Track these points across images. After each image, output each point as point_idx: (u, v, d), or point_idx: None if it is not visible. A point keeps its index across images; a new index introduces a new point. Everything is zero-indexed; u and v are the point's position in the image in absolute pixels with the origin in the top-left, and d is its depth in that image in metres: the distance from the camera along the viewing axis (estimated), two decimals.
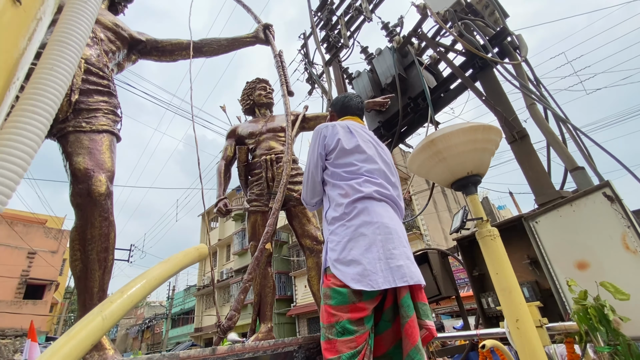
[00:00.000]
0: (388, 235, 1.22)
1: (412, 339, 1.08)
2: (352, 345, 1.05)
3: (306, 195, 1.51)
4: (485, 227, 2.38)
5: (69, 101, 1.45)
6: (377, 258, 1.14)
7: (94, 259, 1.34)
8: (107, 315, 0.39)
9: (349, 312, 1.09)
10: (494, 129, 2.45)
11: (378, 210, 1.29)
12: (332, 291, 1.14)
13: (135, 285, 0.44)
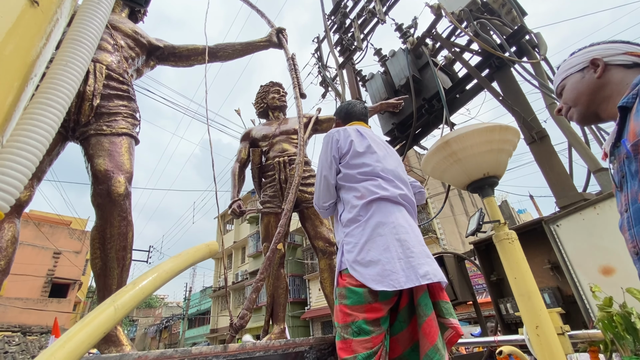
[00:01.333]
0: (405, 234, 1.20)
1: (430, 338, 1.06)
2: (368, 345, 1.04)
3: (319, 200, 1.51)
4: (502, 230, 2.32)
5: (91, 105, 1.51)
6: (397, 257, 1.13)
7: (113, 257, 1.39)
8: (119, 305, 0.40)
9: (365, 312, 1.07)
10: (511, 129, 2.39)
11: (393, 211, 1.28)
12: (347, 291, 1.13)
13: (147, 278, 0.46)
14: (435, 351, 1.05)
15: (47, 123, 0.21)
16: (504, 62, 3.34)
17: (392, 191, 1.33)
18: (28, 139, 0.19)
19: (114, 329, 1.32)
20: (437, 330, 1.08)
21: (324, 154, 1.48)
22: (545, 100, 3.09)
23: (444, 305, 1.19)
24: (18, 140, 0.19)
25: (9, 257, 1.18)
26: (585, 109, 0.79)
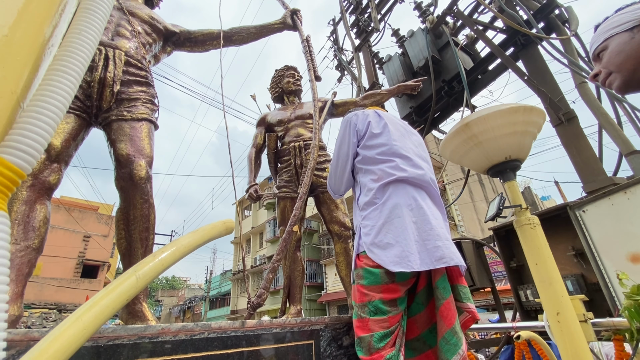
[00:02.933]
0: (423, 216, 1.19)
1: (447, 321, 1.06)
2: (384, 325, 1.04)
3: (334, 183, 1.50)
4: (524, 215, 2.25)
5: (112, 92, 1.55)
6: (414, 240, 1.12)
7: (137, 238, 1.45)
8: (140, 275, 0.42)
9: (382, 292, 1.08)
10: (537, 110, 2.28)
11: (411, 192, 1.27)
12: (364, 271, 1.13)
13: (167, 251, 0.47)
14: (453, 334, 1.05)
15: (64, 89, 0.22)
16: (531, 40, 3.15)
17: (411, 171, 1.31)
18: (47, 104, 0.20)
19: (140, 305, 1.39)
20: (455, 313, 1.08)
21: (342, 138, 1.46)
22: (574, 80, 2.92)
23: (461, 289, 1.19)
24: (37, 105, 0.20)
25: (42, 236, 1.25)
26: (631, 75, 0.70)
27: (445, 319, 1.07)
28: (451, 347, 1.05)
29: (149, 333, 0.74)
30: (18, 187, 1.23)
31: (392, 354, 1.00)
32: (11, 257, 1.15)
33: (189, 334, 0.80)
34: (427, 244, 1.13)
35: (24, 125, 0.20)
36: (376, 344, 1.01)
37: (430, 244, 1.13)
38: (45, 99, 0.21)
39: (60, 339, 0.32)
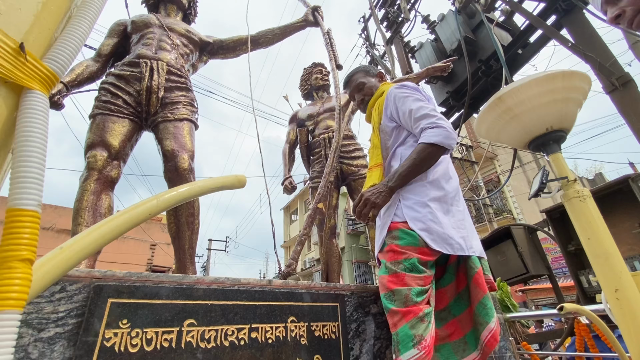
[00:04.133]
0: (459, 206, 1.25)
1: (482, 287, 1.11)
2: (420, 282, 1.05)
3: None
4: (571, 188, 2.09)
5: (157, 97, 1.78)
6: (452, 225, 1.16)
7: (184, 222, 1.65)
8: (161, 200, 0.53)
9: (419, 253, 1.09)
10: (578, 74, 2.12)
11: (453, 174, 1.31)
12: (401, 232, 1.14)
13: (184, 188, 0.58)
14: (489, 299, 1.10)
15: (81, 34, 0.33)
16: (574, 4, 2.89)
17: (448, 155, 1.34)
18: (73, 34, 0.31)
19: (189, 263, 1.65)
20: (485, 282, 1.14)
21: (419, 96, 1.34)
22: (627, 40, 2.62)
23: (483, 262, 1.25)
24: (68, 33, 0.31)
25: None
26: None
27: (480, 286, 1.12)
28: (488, 310, 1.09)
29: (187, 282, 0.87)
30: (87, 180, 1.48)
31: (429, 311, 1.02)
32: None
33: (221, 285, 0.91)
34: (462, 231, 1.18)
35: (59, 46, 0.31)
36: (414, 298, 1.01)
37: (465, 232, 1.19)
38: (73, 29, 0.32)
39: (98, 231, 0.44)
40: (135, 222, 0.49)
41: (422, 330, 0.97)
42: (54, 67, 0.30)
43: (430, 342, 0.96)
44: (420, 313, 0.99)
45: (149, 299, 0.78)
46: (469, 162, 13.53)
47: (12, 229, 0.24)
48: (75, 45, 0.32)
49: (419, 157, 1.16)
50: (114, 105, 1.68)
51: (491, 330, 1.08)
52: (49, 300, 0.67)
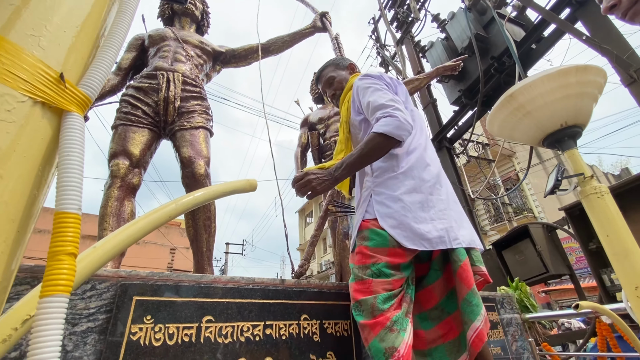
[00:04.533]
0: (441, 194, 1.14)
1: (467, 282, 1.00)
2: (388, 287, 0.97)
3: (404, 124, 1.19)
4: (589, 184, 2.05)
5: (174, 107, 1.87)
6: (430, 218, 1.05)
7: (201, 225, 1.72)
8: (179, 204, 0.58)
9: (388, 255, 1.01)
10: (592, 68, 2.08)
11: (430, 164, 1.19)
12: (370, 232, 1.06)
13: (200, 192, 0.63)
14: (474, 294, 0.99)
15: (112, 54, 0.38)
16: None
17: (426, 141, 1.25)
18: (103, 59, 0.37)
19: (207, 264, 1.72)
20: (472, 275, 1.03)
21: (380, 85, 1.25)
22: None
23: (473, 253, 1.14)
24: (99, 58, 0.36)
25: None
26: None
27: (464, 281, 1.01)
28: (473, 308, 0.99)
29: (204, 281, 0.92)
30: (111, 188, 1.57)
31: (398, 315, 0.94)
32: None
33: (236, 284, 0.96)
34: (443, 222, 1.07)
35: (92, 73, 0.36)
36: (380, 305, 0.94)
37: (446, 223, 1.07)
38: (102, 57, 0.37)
39: (124, 232, 0.50)
40: (157, 224, 0.54)
41: (393, 341, 0.89)
42: (88, 92, 0.36)
43: (405, 351, 0.88)
44: (387, 323, 0.91)
45: (170, 296, 0.84)
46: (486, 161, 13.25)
47: (59, 229, 0.29)
48: (105, 71, 0.37)
49: (366, 147, 1.10)
50: (134, 116, 1.77)
51: (476, 329, 0.97)
52: (81, 297, 0.74)
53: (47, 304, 0.26)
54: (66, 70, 0.34)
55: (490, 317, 1.84)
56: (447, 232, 1.05)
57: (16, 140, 0.29)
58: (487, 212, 14.42)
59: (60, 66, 0.34)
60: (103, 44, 0.40)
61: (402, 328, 0.92)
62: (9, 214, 0.28)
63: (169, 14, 2.32)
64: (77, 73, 0.36)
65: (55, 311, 0.26)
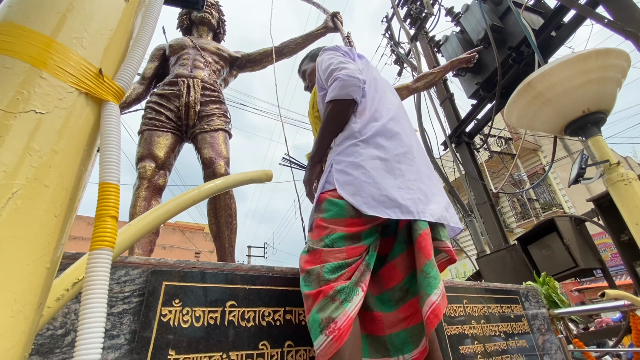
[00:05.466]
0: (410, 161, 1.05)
1: (425, 252, 0.91)
2: (340, 256, 0.89)
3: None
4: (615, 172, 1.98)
5: (195, 111, 1.97)
6: (397, 186, 0.97)
7: (223, 223, 1.80)
8: (202, 190, 0.64)
9: (345, 225, 0.94)
10: (614, 51, 2.01)
11: (403, 131, 1.11)
12: (327, 203, 0.99)
13: (220, 181, 0.69)
14: (432, 266, 0.90)
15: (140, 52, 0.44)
16: None
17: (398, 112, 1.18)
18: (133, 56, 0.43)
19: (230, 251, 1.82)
20: (431, 245, 0.93)
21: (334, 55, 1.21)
22: None
23: (442, 229, 1.04)
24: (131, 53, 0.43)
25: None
26: None
27: (422, 250, 0.91)
28: (430, 280, 0.88)
29: (227, 268, 0.98)
30: (139, 189, 1.67)
31: (343, 287, 0.84)
32: None
33: (257, 272, 1.01)
34: (411, 192, 0.98)
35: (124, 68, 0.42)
36: (327, 275, 0.85)
37: (415, 194, 0.99)
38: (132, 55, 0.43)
39: (154, 213, 0.55)
40: (183, 207, 0.59)
41: (332, 311, 0.80)
42: (122, 84, 0.42)
43: (343, 324, 0.79)
44: (330, 292, 0.83)
45: (196, 282, 0.90)
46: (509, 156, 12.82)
47: (103, 196, 0.35)
48: (135, 66, 0.43)
49: (325, 118, 1.08)
50: (158, 121, 1.88)
51: (432, 304, 0.85)
52: (117, 282, 0.81)
53: (96, 255, 0.31)
54: (104, 67, 0.40)
55: (513, 310, 1.81)
56: (415, 203, 0.96)
57: (66, 124, 0.35)
58: (513, 209, 13.92)
59: (98, 63, 0.40)
60: (132, 44, 0.45)
61: (347, 298, 0.83)
62: (63, 184, 0.33)
63: (187, 24, 2.44)
64: (113, 69, 0.42)
65: (102, 260, 0.31)
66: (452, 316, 1.47)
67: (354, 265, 0.90)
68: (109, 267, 0.32)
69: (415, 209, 0.95)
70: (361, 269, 0.91)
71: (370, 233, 0.98)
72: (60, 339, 0.71)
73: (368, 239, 0.97)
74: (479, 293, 1.69)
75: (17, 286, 0.27)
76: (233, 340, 0.89)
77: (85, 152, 0.37)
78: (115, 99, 0.40)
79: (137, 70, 0.45)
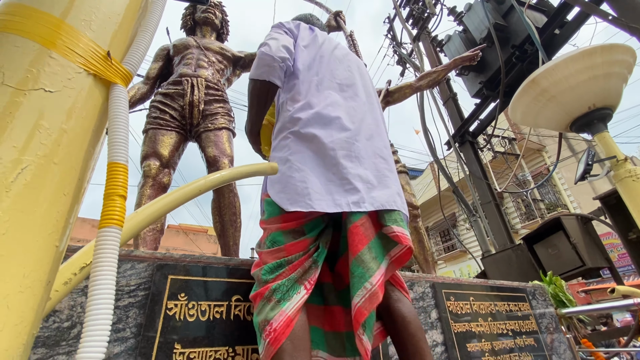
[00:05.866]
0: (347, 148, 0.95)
1: (353, 247, 0.82)
2: (279, 255, 0.84)
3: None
4: (622, 168, 1.96)
5: (199, 110, 1.97)
6: (327, 178, 0.90)
7: (227, 221, 1.80)
8: (208, 180, 0.63)
9: (281, 222, 0.89)
10: (619, 47, 1.99)
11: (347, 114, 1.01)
12: (265, 204, 0.96)
13: (226, 172, 0.69)
14: (359, 263, 0.80)
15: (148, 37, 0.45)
16: None
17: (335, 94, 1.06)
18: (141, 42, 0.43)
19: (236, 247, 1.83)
20: (364, 238, 0.84)
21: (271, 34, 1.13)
22: None
23: (388, 212, 0.91)
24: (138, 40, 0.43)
25: (162, 222, 1.68)
26: None
27: (350, 247, 0.83)
28: (355, 280, 0.80)
29: (232, 263, 0.97)
30: (144, 187, 1.68)
31: (281, 283, 0.79)
32: (143, 236, 1.58)
33: None
34: (345, 183, 0.89)
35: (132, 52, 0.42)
36: (265, 276, 0.81)
37: (352, 184, 0.89)
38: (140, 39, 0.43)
39: (161, 201, 0.55)
40: (189, 197, 0.59)
41: (267, 313, 0.76)
42: (130, 68, 0.42)
43: (279, 325, 0.73)
44: (266, 292, 0.78)
45: (201, 276, 0.89)
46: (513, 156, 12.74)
47: (112, 175, 0.34)
48: (143, 51, 0.43)
49: (248, 100, 1.04)
50: (162, 120, 1.89)
51: (354, 307, 0.78)
52: (123, 275, 0.81)
53: (105, 232, 0.31)
54: (112, 50, 0.40)
55: (520, 308, 1.79)
56: (347, 194, 0.88)
57: (75, 104, 0.34)
58: (518, 209, 13.82)
59: (107, 46, 0.39)
60: (140, 29, 0.45)
61: (285, 297, 0.77)
62: (72, 163, 0.33)
63: (191, 24, 2.46)
64: (121, 52, 0.42)
65: (111, 238, 0.31)
66: (458, 314, 1.45)
67: (296, 262, 0.83)
68: (118, 245, 0.31)
69: (346, 200, 0.87)
70: (305, 265, 0.84)
71: (315, 225, 0.92)
72: (67, 332, 0.71)
73: (313, 231, 0.90)
74: (485, 291, 1.67)
75: (27, 261, 0.27)
76: (239, 335, 0.88)
77: (94, 134, 0.37)
78: (124, 82, 0.40)
79: (145, 56, 0.45)
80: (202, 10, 2.40)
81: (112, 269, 0.30)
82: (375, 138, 1.05)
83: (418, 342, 0.83)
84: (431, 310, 1.38)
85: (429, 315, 1.36)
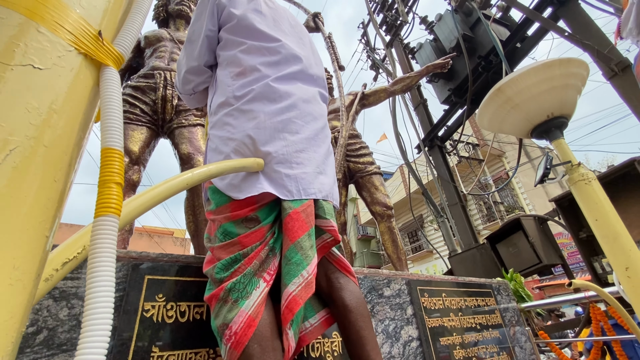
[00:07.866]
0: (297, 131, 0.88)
1: (291, 234, 0.76)
2: (233, 249, 0.76)
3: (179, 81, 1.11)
4: (576, 172, 2.13)
5: (172, 105, 1.89)
6: (276, 161, 0.81)
7: (202, 220, 1.74)
8: (195, 173, 0.61)
9: (231, 211, 0.79)
10: (575, 61, 2.17)
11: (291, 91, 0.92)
12: (209, 192, 0.87)
13: (212, 166, 0.67)
14: (298, 250, 0.75)
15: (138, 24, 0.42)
16: None
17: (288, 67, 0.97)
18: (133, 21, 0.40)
19: None
20: (304, 225, 0.79)
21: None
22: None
23: (325, 205, 0.88)
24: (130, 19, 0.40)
25: (132, 222, 1.59)
26: None
27: (288, 232, 0.77)
28: (292, 267, 0.74)
29: None
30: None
31: (237, 280, 0.72)
32: None
33: None
34: (295, 167, 0.83)
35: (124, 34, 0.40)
36: (218, 275, 0.74)
37: (301, 168, 0.84)
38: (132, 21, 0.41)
39: (147, 194, 0.52)
40: (176, 190, 0.57)
41: (224, 316, 0.69)
42: (121, 50, 0.39)
43: (239, 327, 0.67)
44: (221, 293, 0.72)
45: (179, 276, 0.86)
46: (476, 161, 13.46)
47: (106, 161, 0.32)
48: (134, 33, 0.41)
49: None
50: (132, 115, 1.79)
51: (288, 296, 0.72)
52: None
53: (102, 222, 0.29)
54: (103, 30, 0.37)
55: (487, 303, 1.89)
56: (297, 179, 0.82)
57: (65, 83, 0.32)
58: (480, 211, 14.62)
59: (97, 25, 0.37)
60: (132, 10, 0.43)
61: (242, 295, 0.70)
62: (62, 146, 0.31)
63: (164, 16, 2.36)
64: (112, 33, 0.39)
65: (109, 227, 0.29)
66: (432, 309, 1.51)
67: (252, 254, 0.75)
68: (116, 235, 0.29)
69: (297, 187, 0.81)
70: (262, 256, 0.77)
71: (270, 210, 0.82)
72: (32, 338, 0.65)
73: (269, 217, 0.81)
74: (456, 287, 1.75)
75: (17, 252, 0.25)
76: None
77: (84, 117, 0.34)
78: (115, 64, 0.38)
79: (137, 38, 0.43)
80: (176, 2, 2.31)
81: (111, 261, 0.28)
82: (321, 122, 1.00)
83: (359, 330, 0.79)
84: (407, 307, 1.42)
85: (405, 311, 1.40)
